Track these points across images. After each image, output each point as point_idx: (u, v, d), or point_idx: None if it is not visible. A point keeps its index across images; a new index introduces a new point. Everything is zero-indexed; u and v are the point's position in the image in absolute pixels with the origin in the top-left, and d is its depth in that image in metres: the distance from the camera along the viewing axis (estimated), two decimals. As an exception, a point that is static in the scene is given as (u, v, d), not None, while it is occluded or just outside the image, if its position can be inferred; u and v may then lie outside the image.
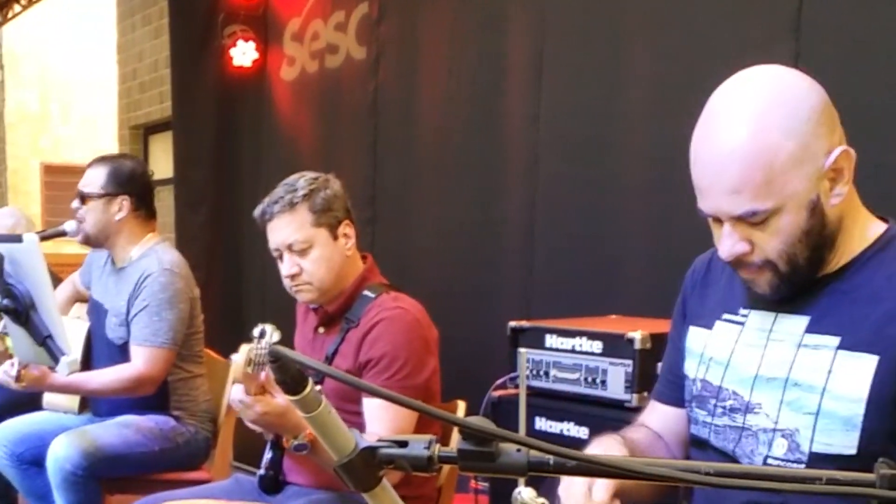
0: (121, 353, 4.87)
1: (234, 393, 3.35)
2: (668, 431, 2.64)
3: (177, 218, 9.34)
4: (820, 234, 2.26)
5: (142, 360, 4.79)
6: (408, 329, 3.69)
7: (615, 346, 4.06)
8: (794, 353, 2.29)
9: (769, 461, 2.29)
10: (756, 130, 2.18)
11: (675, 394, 2.62)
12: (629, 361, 4.00)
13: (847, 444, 2.18)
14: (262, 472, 3.78)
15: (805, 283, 2.34)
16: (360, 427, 3.51)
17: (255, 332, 3.12)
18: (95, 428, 4.85)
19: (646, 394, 3.79)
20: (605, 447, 2.41)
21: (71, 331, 4.85)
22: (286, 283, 3.78)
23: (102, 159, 5.13)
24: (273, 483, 3.78)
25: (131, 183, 5.06)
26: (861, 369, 2.18)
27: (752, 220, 2.24)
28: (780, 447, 2.28)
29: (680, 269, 2.74)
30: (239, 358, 3.14)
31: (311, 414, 1.42)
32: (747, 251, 2.29)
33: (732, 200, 2.22)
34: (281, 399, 3.31)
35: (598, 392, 4.10)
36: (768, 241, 2.27)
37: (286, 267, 3.74)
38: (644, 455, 2.52)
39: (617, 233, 5.24)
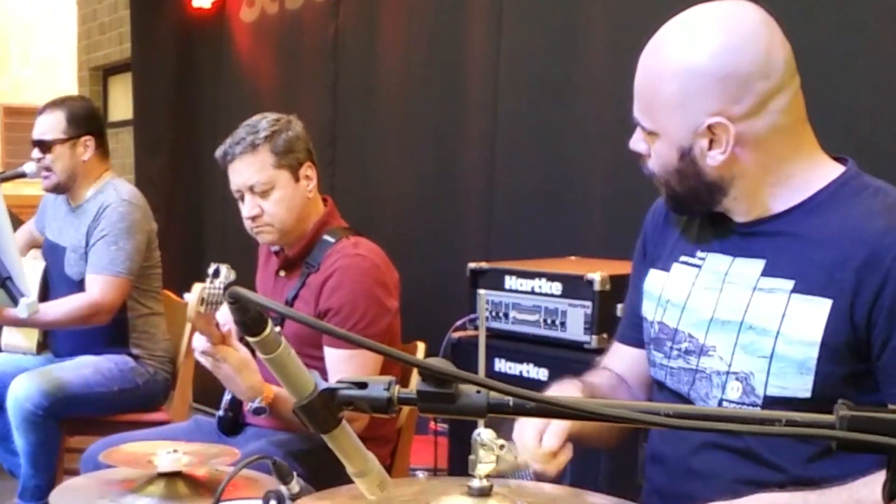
0: (79, 289, 4.89)
1: (197, 340, 3.34)
2: (632, 373, 2.65)
3: (136, 160, 9.27)
4: (696, 181, 2.34)
5: (97, 289, 4.80)
6: (366, 276, 3.69)
7: (574, 287, 4.06)
8: (749, 297, 2.30)
9: (724, 404, 2.31)
10: (661, 57, 2.31)
11: (638, 335, 2.63)
12: (588, 303, 4.01)
13: (801, 387, 2.20)
14: (221, 413, 3.79)
15: (697, 213, 2.46)
16: (321, 372, 3.52)
17: (210, 270, 3.10)
18: (55, 368, 4.86)
19: (605, 335, 3.80)
20: (564, 391, 2.42)
21: (29, 271, 4.84)
22: (247, 224, 3.77)
23: (53, 104, 5.12)
24: (232, 424, 3.79)
25: (90, 121, 5.07)
26: (814, 313, 2.19)
27: (642, 128, 2.38)
28: (734, 390, 2.29)
29: (640, 211, 2.74)
30: (192, 297, 3.11)
31: (271, 355, 1.42)
32: (643, 153, 2.42)
33: (635, 101, 2.37)
34: (242, 353, 3.31)
35: (558, 333, 4.11)
36: (653, 156, 2.39)
37: (247, 208, 3.73)
38: (605, 396, 2.53)
39: (577, 174, 5.23)
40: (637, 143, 2.43)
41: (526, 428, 2.26)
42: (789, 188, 2.31)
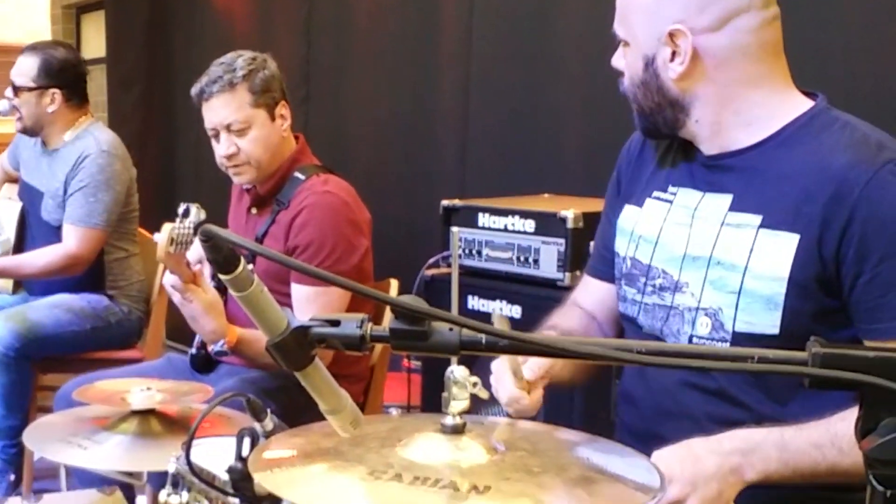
0: (57, 235, 4.89)
1: (167, 277, 3.35)
2: (602, 307, 2.66)
3: (109, 98, 9.21)
4: (660, 96, 2.37)
5: (74, 240, 4.80)
6: (335, 214, 3.69)
7: (548, 224, 4.06)
8: (718, 232, 2.31)
9: (694, 340, 2.32)
10: None
11: (608, 269, 2.63)
12: (561, 240, 4.01)
13: (769, 323, 2.20)
14: (194, 351, 3.79)
15: (665, 135, 2.48)
16: (291, 309, 3.53)
17: (179, 210, 3.09)
18: (28, 308, 4.86)
19: (578, 273, 3.81)
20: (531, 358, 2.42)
21: (3, 211, 4.83)
22: (221, 162, 3.76)
23: (34, 48, 5.10)
24: (205, 362, 3.79)
25: (62, 75, 5.04)
26: (782, 248, 2.20)
27: (619, 39, 2.42)
28: (703, 326, 2.30)
29: (613, 149, 2.74)
30: (162, 237, 3.10)
31: (244, 293, 1.42)
32: (619, 67, 2.45)
33: (616, 11, 2.42)
34: (210, 295, 3.32)
35: (531, 271, 4.11)
36: (625, 70, 2.43)
37: (223, 147, 3.71)
38: (578, 336, 2.54)
39: (551, 112, 5.22)
40: (618, 59, 2.45)
41: (502, 364, 2.28)
42: (755, 120, 2.31)
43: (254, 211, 3.89)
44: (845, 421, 2.09)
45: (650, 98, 2.37)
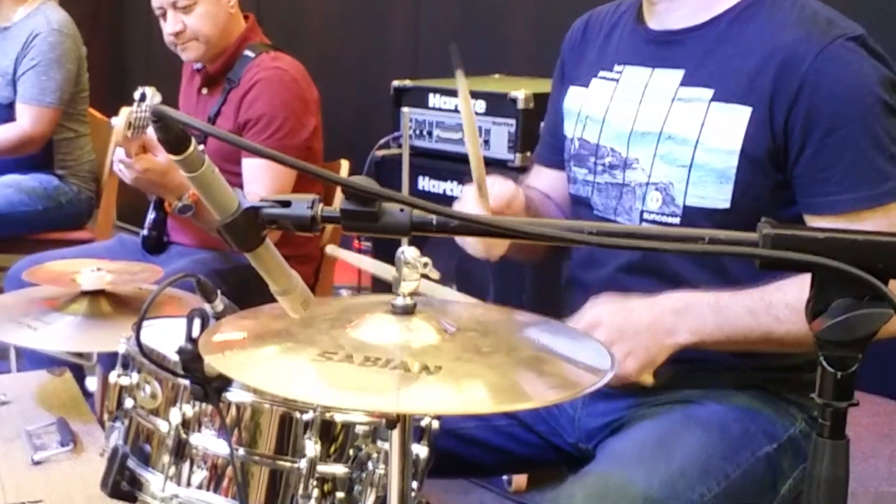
0: (7, 112, 4.85)
1: (116, 155, 3.33)
2: (556, 193, 2.65)
3: (58, -26, 9.09)
4: None
5: (28, 119, 4.79)
6: (285, 89, 3.69)
7: (498, 105, 4.06)
8: (668, 107, 2.31)
9: (644, 216, 2.32)
10: None
11: (557, 156, 2.63)
12: (512, 121, 4.01)
13: (720, 197, 2.21)
14: (145, 232, 3.79)
15: None
16: (242, 188, 3.52)
17: (136, 94, 3.08)
18: (-22, 189, 4.84)
19: (528, 153, 3.81)
20: (501, 182, 2.41)
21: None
22: (169, 41, 3.74)
23: None
24: (156, 243, 3.79)
25: None
26: (733, 121, 2.20)
27: None
28: (654, 201, 2.30)
29: (564, 30, 2.72)
30: (119, 121, 3.10)
31: (195, 174, 1.41)
32: None
33: None
34: (163, 158, 3.29)
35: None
36: None
37: (169, 25, 3.70)
38: (537, 208, 2.54)
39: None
40: None
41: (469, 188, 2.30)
42: None
43: (204, 91, 3.87)
44: (781, 290, 2.10)
45: None
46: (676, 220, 2.26)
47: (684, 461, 2.10)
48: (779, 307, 2.11)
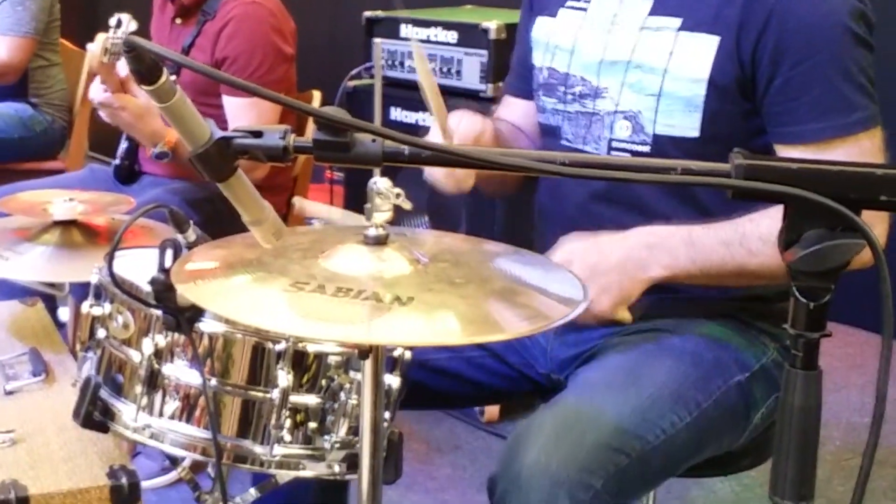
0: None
1: (94, 90, 3.32)
2: (527, 123, 2.64)
3: None
4: None
5: (4, 50, 4.79)
6: (263, 24, 3.67)
7: (470, 36, 4.05)
8: (637, 36, 2.30)
9: (613, 144, 2.33)
10: None
11: (527, 86, 2.62)
12: (484, 52, 4.01)
13: (689, 125, 2.22)
14: (117, 161, 3.78)
15: None
16: (217, 120, 3.50)
17: (112, 21, 3.07)
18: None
19: (500, 84, 3.81)
20: (467, 115, 2.41)
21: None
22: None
23: None
24: (128, 173, 3.78)
25: None
26: (702, 50, 2.20)
27: None
28: (623, 129, 2.31)
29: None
30: (95, 47, 3.10)
31: (167, 104, 1.40)
32: None
33: None
34: (142, 100, 3.29)
35: (454, 82, 4.11)
36: None
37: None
38: (506, 141, 2.54)
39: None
40: None
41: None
42: None
43: (178, 21, 3.84)
44: (754, 222, 2.11)
45: None
46: (647, 149, 2.27)
47: (656, 390, 2.11)
48: (752, 239, 2.12)
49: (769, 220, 2.06)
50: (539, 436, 1.98)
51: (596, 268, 2.13)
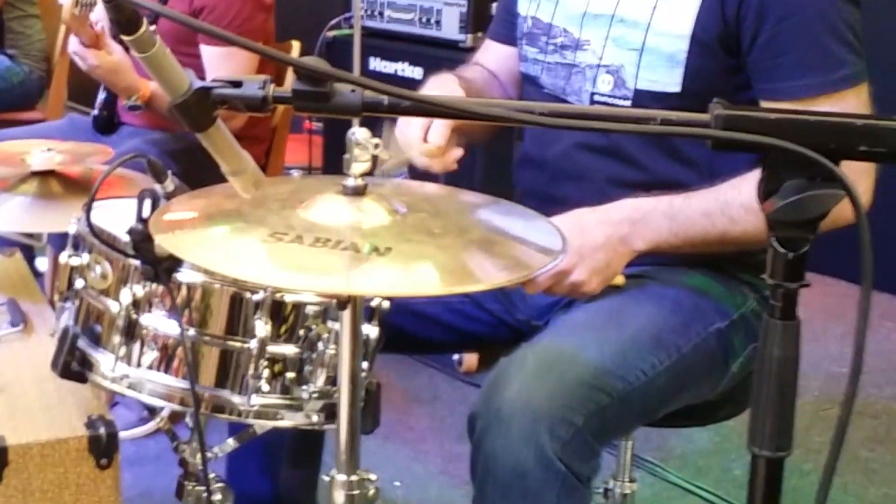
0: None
1: (71, 44, 3.31)
2: (503, 70, 2.65)
3: None
4: None
5: None
6: (240, -28, 3.64)
7: (451, -14, 4.04)
8: None
9: (595, 98, 2.33)
10: None
11: (510, 32, 2.61)
12: (463, 1, 3.99)
13: (671, 81, 2.21)
14: (96, 112, 3.76)
15: None
16: (196, 70, 3.49)
17: (83, -28, 3.05)
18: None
19: (480, 34, 3.80)
20: (441, 85, 2.41)
21: None
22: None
23: None
24: (107, 123, 3.76)
25: None
26: (685, 6, 2.19)
27: None
28: (605, 83, 2.31)
29: None
30: (66, 0, 3.07)
31: (146, 54, 1.40)
32: None
33: None
34: (117, 55, 3.28)
35: (433, 32, 4.10)
36: None
37: None
38: (480, 93, 2.53)
39: None
40: None
41: (410, 124, 2.26)
42: None
43: (155, -31, 3.81)
44: (735, 188, 2.12)
45: None
46: (627, 104, 2.27)
47: (636, 332, 2.13)
48: (733, 207, 2.12)
49: (751, 187, 2.06)
50: (520, 372, 1.98)
51: (582, 252, 2.13)
